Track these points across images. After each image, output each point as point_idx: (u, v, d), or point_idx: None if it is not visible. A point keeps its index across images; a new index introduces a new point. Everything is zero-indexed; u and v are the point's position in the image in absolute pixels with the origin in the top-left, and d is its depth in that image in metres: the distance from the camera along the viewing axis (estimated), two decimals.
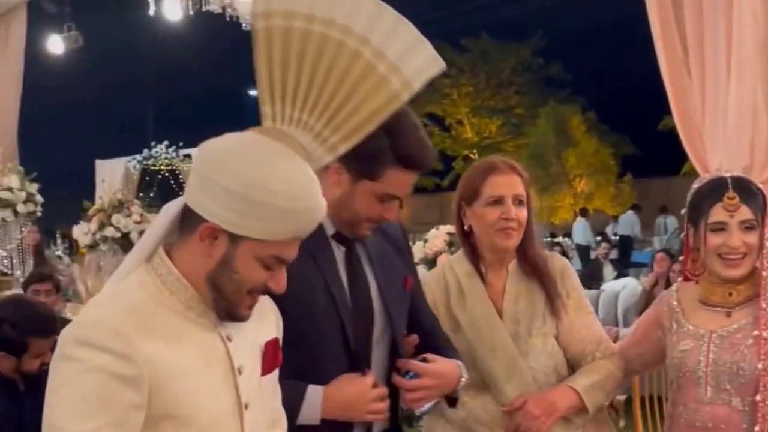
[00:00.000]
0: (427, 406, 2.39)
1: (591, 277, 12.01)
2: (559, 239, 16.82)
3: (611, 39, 28.40)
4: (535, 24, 29.85)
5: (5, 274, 7.40)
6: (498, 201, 2.59)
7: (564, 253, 12.61)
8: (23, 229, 7.17)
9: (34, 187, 7.22)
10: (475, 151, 32.04)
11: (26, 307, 3.53)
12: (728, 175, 2.56)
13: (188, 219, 1.69)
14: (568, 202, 27.22)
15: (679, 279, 2.81)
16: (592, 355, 2.69)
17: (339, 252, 2.30)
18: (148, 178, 16.26)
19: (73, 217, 8.80)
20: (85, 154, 17.15)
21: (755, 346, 2.44)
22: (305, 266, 2.14)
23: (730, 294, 2.54)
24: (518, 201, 2.61)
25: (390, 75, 1.74)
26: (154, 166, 16.29)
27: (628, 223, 19.81)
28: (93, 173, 15.77)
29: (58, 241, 14.29)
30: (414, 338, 2.44)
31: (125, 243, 6.65)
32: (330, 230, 2.27)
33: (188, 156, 15.76)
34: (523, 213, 2.62)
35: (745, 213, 2.46)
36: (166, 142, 16.04)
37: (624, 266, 14.49)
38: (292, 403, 2.09)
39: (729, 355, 2.47)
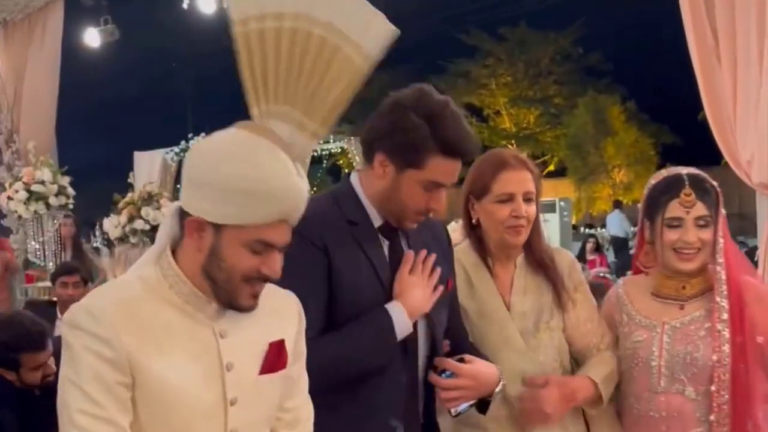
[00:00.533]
0: (463, 406, 2.37)
1: (624, 269, 11.92)
2: (594, 231, 16.73)
3: (651, 28, 28.07)
4: (574, 13, 29.57)
5: (40, 266, 7.54)
6: (508, 198, 2.59)
7: (598, 245, 12.55)
8: (55, 221, 7.28)
9: (65, 180, 7.33)
10: (513, 141, 31.91)
11: (15, 325, 3.76)
12: (684, 172, 2.62)
13: (182, 218, 1.79)
14: (606, 192, 27.03)
15: (629, 272, 2.90)
16: (597, 347, 2.72)
17: (384, 245, 2.34)
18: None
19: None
20: (124, 146, 17.34)
21: (708, 337, 2.53)
22: (354, 256, 2.24)
23: (684, 287, 2.64)
24: (528, 198, 2.61)
25: (353, 53, 1.83)
26: None
27: None
28: (132, 165, 15.96)
29: (97, 232, 14.46)
30: (446, 343, 2.46)
31: (154, 235, 6.67)
32: (377, 223, 2.32)
33: None
34: (532, 210, 2.61)
35: (700, 210, 2.55)
36: (203, 134, 16.13)
37: None
38: (383, 327, 2.21)
39: (682, 345, 2.56)
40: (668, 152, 27.19)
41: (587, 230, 17.76)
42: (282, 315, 1.94)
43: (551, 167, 31.39)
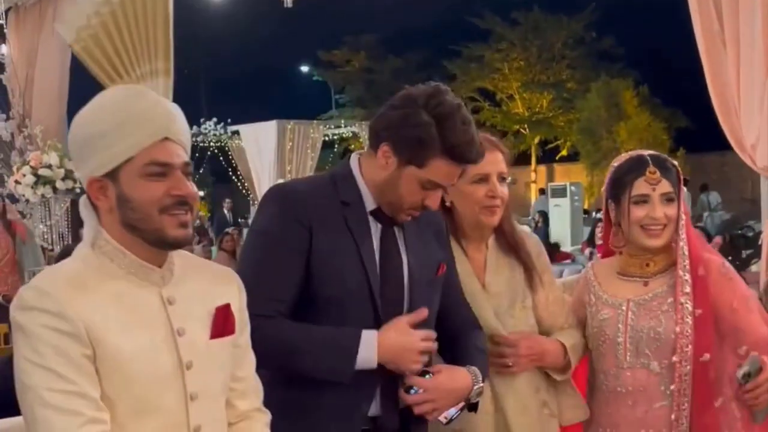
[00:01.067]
0: (451, 412, 2.36)
1: None
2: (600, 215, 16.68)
3: (664, 12, 27.91)
4: None
5: (51, 250, 7.60)
6: (483, 179, 2.61)
7: None
8: (62, 205, 7.33)
9: (72, 164, 7.38)
10: (525, 126, 31.83)
11: None
12: (646, 153, 2.71)
13: (90, 198, 1.86)
14: None
15: (597, 255, 3.02)
16: (561, 327, 2.78)
17: (376, 229, 2.35)
18: (197, 155, 16.41)
19: None
20: None
21: (670, 312, 2.61)
22: (341, 236, 2.27)
23: (647, 264, 2.71)
24: (501, 178, 2.64)
25: None
26: (204, 142, 16.46)
27: None
28: None
29: None
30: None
31: None
32: (370, 206, 2.35)
33: (237, 132, 15.91)
34: (505, 190, 2.66)
35: (665, 186, 2.63)
36: (214, 119, 16.19)
37: None
38: (348, 348, 2.20)
39: (646, 321, 2.63)
40: (681, 136, 27.07)
41: (597, 214, 17.71)
42: (223, 284, 1.99)
43: (564, 152, 31.33)
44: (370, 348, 2.21)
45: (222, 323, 1.93)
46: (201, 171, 16.93)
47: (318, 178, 2.48)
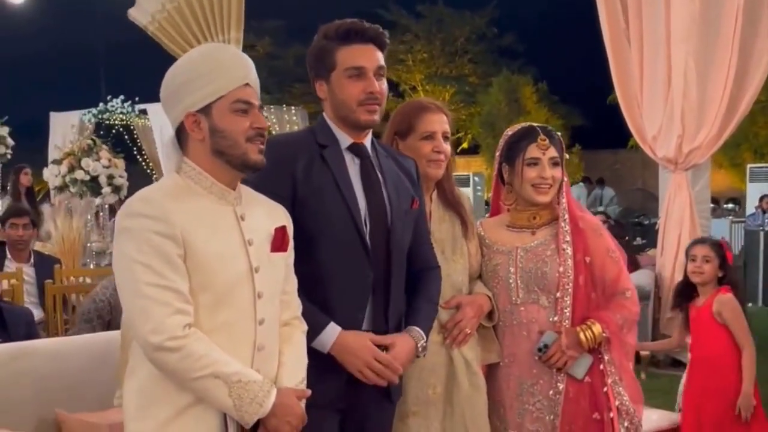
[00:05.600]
0: None
1: None
2: None
3: (564, 11, 28.73)
4: None
5: None
6: (430, 136, 3.00)
7: None
8: None
9: (5, 131, 7.39)
10: None
11: None
12: (535, 124, 3.20)
13: (178, 136, 2.26)
14: None
15: (487, 215, 3.51)
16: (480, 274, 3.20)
17: (354, 164, 2.68)
18: (102, 131, 16.24)
19: (30, 166, 9.05)
20: (42, 106, 17.12)
21: (553, 256, 3.10)
22: (321, 176, 2.59)
23: (534, 218, 3.20)
24: (445, 137, 3.03)
25: None
26: (109, 120, 16.32)
27: (575, 195, 20.19)
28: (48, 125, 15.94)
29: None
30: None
31: (94, 186, 6.93)
32: (345, 143, 2.68)
33: (144, 111, 15.81)
34: (449, 147, 3.05)
35: (552, 151, 3.11)
36: (122, 97, 16.04)
37: None
38: (312, 330, 2.51)
39: (533, 263, 3.12)
40: (577, 134, 27.85)
41: None
42: (277, 212, 2.41)
43: (465, 144, 31.91)
44: (326, 341, 2.54)
45: (280, 241, 2.35)
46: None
47: (300, 131, 2.97)
